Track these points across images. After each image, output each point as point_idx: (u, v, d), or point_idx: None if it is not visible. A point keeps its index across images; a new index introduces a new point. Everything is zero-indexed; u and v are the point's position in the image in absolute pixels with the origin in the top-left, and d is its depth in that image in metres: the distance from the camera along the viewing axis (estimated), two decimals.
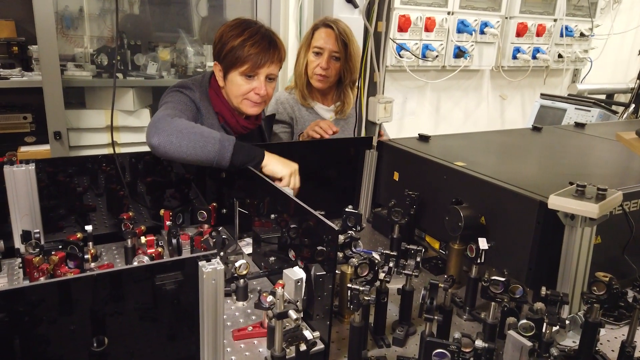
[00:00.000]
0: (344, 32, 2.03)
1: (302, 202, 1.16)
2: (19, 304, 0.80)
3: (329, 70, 2.04)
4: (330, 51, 2.03)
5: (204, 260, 0.85)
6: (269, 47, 1.59)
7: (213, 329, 0.86)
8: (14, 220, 1.31)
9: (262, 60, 1.58)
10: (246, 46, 1.57)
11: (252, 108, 1.67)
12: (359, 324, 0.99)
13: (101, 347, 0.84)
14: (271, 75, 1.65)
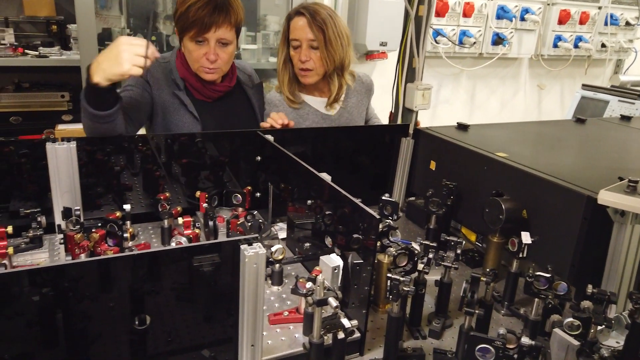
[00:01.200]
0: (319, 16, 1.79)
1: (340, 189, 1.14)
2: (65, 279, 0.81)
3: (310, 62, 1.80)
4: (307, 41, 1.79)
5: (246, 244, 0.84)
6: (214, 11, 1.54)
7: (253, 313, 0.85)
8: (55, 197, 1.33)
9: (207, 24, 1.54)
10: (192, 10, 1.54)
11: (207, 74, 1.65)
12: (397, 314, 0.97)
13: (143, 326, 0.84)
14: (222, 40, 1.60)
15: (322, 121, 1.90)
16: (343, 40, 1.81)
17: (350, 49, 1.85)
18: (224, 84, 1.75)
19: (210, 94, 1.72)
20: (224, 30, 1.58)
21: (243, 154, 1.60)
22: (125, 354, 0.91)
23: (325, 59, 1.80)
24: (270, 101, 1.92)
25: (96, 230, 1.13)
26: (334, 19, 1.81)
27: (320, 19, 1.78)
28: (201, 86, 1.69)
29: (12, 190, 1.39)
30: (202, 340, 0.98)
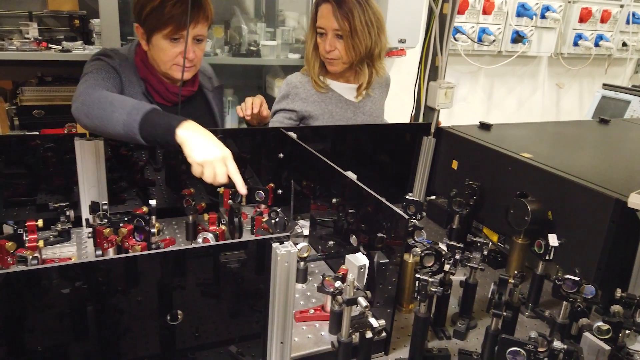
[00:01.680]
0: (346, 5, 1.73)
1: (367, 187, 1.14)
2: (99, 274, 0.83)
3: (335, 51, 1.77)
4: (332, 30, 1.74)
5: (277, 242, 0.84)
6: (192, 6, 1.43)
7: (283, 311, 0.86)
8: (81, 191, 1.35)
9: (185, 21, 1.43)
10: (167, 6, 1.42)
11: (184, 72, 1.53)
12: (424, 314, 0.97)
13: (175, 322, 0.85)
14: (199, 37, 1.52)
15: (346, 107, 1.88)
16: (372, 29, 1.74)
17: (383, 36, 1.79)
18: (188, 88, 1.64)
19: (172, 98, 1.59)
20: (201, 27, 1.51)
21: (264, 150, 1.60)
22: (154, 348, 0.92)
23: (350, 49, 1.76)
24: (290, 82, 1.88)
25: (124, 225, 1.14)
26: (364, 5, 1.73)
27: (347, 7, 1.71)
28: (163, 89, 1.57)
29: (38, 184, 1.41)
30: (229, 336, 0.99)
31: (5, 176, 1.37)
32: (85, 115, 1.23)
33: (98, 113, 1.20)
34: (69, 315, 0.84)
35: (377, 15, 1.76)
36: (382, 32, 1.78)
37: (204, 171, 1.14)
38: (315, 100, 1.82)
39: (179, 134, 1.14)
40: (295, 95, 1.84)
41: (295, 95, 1.84)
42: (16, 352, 0.83)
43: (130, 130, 1.16)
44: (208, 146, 1.14)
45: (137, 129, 1.16)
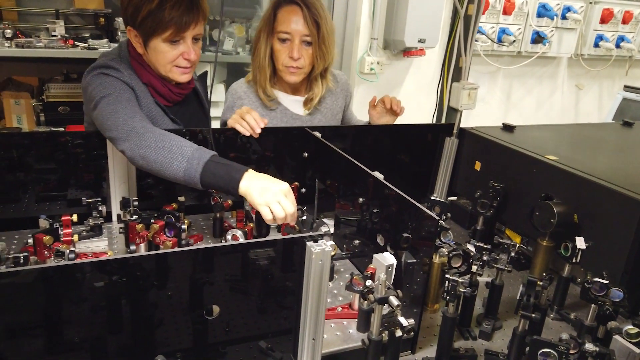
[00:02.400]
0: (315, 7, 1.60)
1: (395, 188, 1.15)
2: (137, 269, 0.85)
3: (302, 59, 1.63)
4: (301, 35, 1.60)
5: (312, 241, 0.86)
6: (191, 6, 1.39)
7: (316, 308, 0.87)
8: (112, 187, 1.37)
9: (186, 22, 1.39)
10: (166, 8, 1.36)
11: (183, 75, 1.50)
12: (452, 315, 0.98)
13: (211, 316, 0.88)
14: (197, 36, 1.48)
15: (292, 121, 1.75)
16: (333, 37, 1.66)
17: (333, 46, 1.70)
18: (188, 86, 1.60)
19: (175, 98, 1.57)
20: (200, 26, 1.46)
21: (289, 149, 1.62)
22: (186, 342, 0.94)
23: (318, 57, 1.64)
24: (234, 92, 1.76)
25: (155, 221, 1.17)
26: (325, 10, 1.63)
27: (315, 9, 1.59)
28: (167, 90, 1.53)
29: (68, 180, 1.44)
30: (258, 331, 1.01)
31: (36, 171, 1.41)
32: (141, 158, 1.20)
33: (156, 158, 1.19)
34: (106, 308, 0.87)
35: (332, 22, 1.68)
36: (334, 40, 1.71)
37: (273, 210, 1.14)
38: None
39: (241, 187, 1.16)
40: (239, 107, 1.67)
41: (239, 107, 1.65)
42: (55, 342, 0.85)
43: (191, 180, 1.18)
44: (268, 187, 1.16)
45: (199, 180, 1.17)
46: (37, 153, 1.38)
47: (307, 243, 0.86)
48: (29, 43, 2.07)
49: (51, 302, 0.82)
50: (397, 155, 1.74)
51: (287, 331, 1.01)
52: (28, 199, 1.41)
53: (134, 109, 1.33)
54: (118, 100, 1.34)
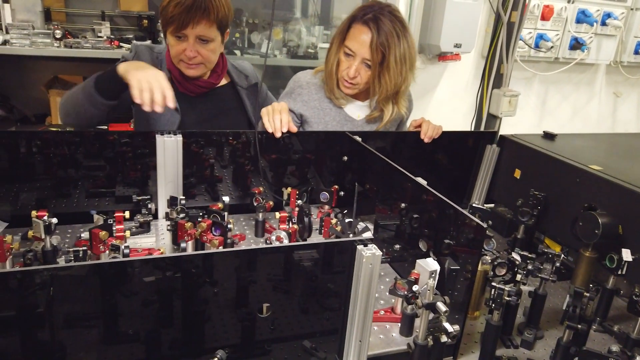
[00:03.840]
0: (385, 35, 1.57)
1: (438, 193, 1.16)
2: (192, 266, 0.88)
3: (357, 78, 1.66)
4: (363, 57, 1.62)
5: (362, 245, 0.88)
6: (191, 7, 1.51)
7: (364, 311, 0.89)
8: (159, 186, 1.42)
9: (184, 20, 1.52)
10: (171, 5, 1.53)
11: (188, 70, 1.63)
12: (497, 322, 0.99)
13: (263, 314, 0.90)
14: (202, 37, 1.57)
15: (344, 123, 1.77)
16: (404, 66, 1.62)
17: (412, 71, 1.68)
18: (208, 81, 1.72)
19: (192, 88, 1.70)
20: (203, 27, 1.55)
21: (329, 152, 1.64)
22: (234, 338, 0.97)
23: (376, 83, 1.64)
24: (297, 80, 1.80)
25: (203, 219, 1.21)
26: (402, 38, 1.59)
27: (385, 37, 1.57)
28: (183, 79, 1.67)
29: (115, 176, 1.49)
30: (301, 330, 1.03)
31: (86, 168, 1.46)
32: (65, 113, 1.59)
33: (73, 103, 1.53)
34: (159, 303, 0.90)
35: (411, 48, 1.63)
36: (412, 67, 1.66)
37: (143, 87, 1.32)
38: (314, 107, 1.72)
39: (119, 70, 1.41)
40: (298, 95, 1.76)
41: (298, 95, 1.76)
42: (111, 333, 0.89)
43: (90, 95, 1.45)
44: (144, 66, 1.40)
45: (94, 89, 1.45)
46: (86, 150, 1.43)
47: (357, 247, 0.88)
48: (77, 43, 2.14)
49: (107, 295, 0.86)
50: (436, 161, 1.74)
51: (331, 332, 1.03)
52: (78, 195, 1.46)
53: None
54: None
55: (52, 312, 0.82)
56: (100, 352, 0.90)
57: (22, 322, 0.81)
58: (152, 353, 0.91)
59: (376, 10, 1.60)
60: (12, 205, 1.38)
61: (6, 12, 2.11)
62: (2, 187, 1.37)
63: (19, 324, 0.81)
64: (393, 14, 1.61)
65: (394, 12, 1.62)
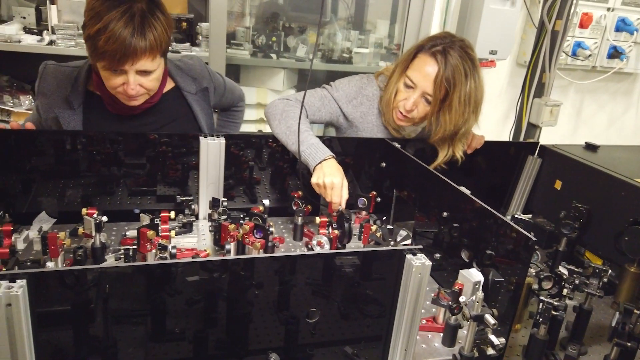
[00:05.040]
0: (452, 72, 1.45)
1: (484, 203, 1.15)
2: (241, 268, 0.89)
3: (415, 112, 1.55)
4: (423, 91, 1.51)
5: (411, 254, 0.88)
6: (128, 45, 1.24)
7: (411, 320, 0.89)
8: (201, 187, 1.44)
9: (120, 59, 1.26)
10: (101, 39, 1.23)
11: (131, 102, 1.41)
12: (544, 337, 0.97)
13: (313, 319, 0.91)
14: (144, 70, 1.33)
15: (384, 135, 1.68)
16: (468, 107, 1.50)
17: (475, 115, 1.55)
18: (146, 102, 1.48)
19: (126, 110, 1.49)
20: (144, 62, 1.31)
21: (367, 158, 1.64)
22: (277, 340, 0.98)
23: (433, 121, 1.54)
24: (364, 88, 1.66)
25: (246, 222, 1.22)
26: (470, 77, 1.48)
27: (452, 74, 1.45)
28: (113, 102, 1.46)
29: (156, 176, 1.52)
30: (341, 336, 1.04)
31: (127, 166, 1.49)
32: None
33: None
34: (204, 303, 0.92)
35: (478, 90, 1.51)
36: (476, 110, 1.54)
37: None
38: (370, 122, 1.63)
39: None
40: (359, 104, 1.65)
41: (359, 105, 1.65)
42: (159, 331, 0.91)
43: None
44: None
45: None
46: (129, 150, 1.46)
47: (406, 256, 0.88)
48: None
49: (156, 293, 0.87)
50: (473, 169, 1.72)
51: (372, 339, 1.03)
52: (121, 193, 1.50)
53: None
54: None
55: (107, 309, 0.85)
56: (148, 348, 0.92)
57: (81, 317, 0.83)
58: (199, 352, 0.93)
59: (446, 43, 1.48)
60: (59, 202, 1.42)
61: (52, 14, 2.18)
62: (50, 184, 1.41)
63: (74, 319, 0.83)
64: (464, 50, 1.49)
65: (466, 48, 1.50)
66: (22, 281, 0.68)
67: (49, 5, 2.18)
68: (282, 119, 1.51)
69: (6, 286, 0.66)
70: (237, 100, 1.85)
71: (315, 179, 1.37)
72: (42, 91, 1.50)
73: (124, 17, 1.25)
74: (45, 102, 1.50)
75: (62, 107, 1.48)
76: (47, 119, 1.51)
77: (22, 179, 1.38)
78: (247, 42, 2.42)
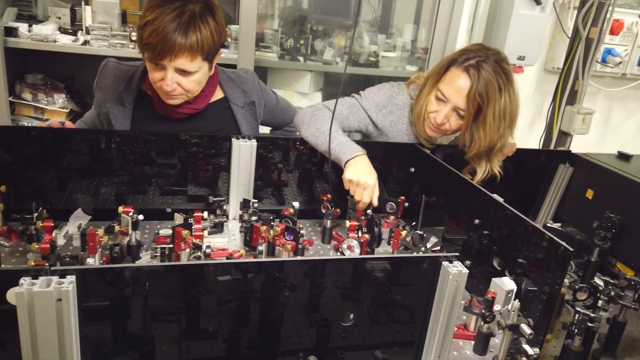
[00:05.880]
0: (486, 87, 1.42)
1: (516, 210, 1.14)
2: (276, 270, 0.91)
3: (446, 124, 1.53)
4: (455, 106, 1.49)
5: (447, 261, 0.88)
6: (169, 39, 1.28)
7: (445, 327, 0.89)
8: (232, 188, 1.46)
9: (160, 52, 1.30)
10: (146, 30, 1.30)
11: (169, 100, 1.44)
12: (578, 348, 0.96)
13: (348, 323, 0.92)
14: (184, 70, 1.36)
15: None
16: (503, 122, 1.46)
17: (511, 129, 1.51)
18: (190, 107, 1.53)
19: (172, 114, 1.53)
20: (183, 61, 1.34)
21: (395, 162, 1.64)
22: (308, 343, 0.99)
23: (466, 135, 1.50)
24: (395, 97, 1.65)
25: (277, 224, 1.23)
26: (504, 92, 1.44)
27: (485, 89, 1.42)
28: (161, 103, 1.49)
29: (187, 176, 1.54)
30: (372, 340, 1.04)
31: (158, 166, 1.52)
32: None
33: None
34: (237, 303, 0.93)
35: (513, 104, 1.47)
36: (512, 125, 1.50)
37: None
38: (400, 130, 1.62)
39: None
40: (389, 113, 1.64)
41: (389, 113, 1.64)
42: (193, 330, 0.92)
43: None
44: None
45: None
46: (161, 150, 1.49)
47: (442, 263, 0.88)
48: None
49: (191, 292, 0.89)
50: (505, 176, 1.70)
51: (402, 344, 1.03)
52: (153, 192, 1.52)
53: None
54: None
55: (146, 305, 0.86)
56: (182, 346, 0.94)
57: (119, 313, 0.85)
58: (231, 352, 0.94)
59: (480, 57, 1.44)
60: (94, 199, 1.45)
61: (87, 14, 2.23)
62: (85, 181, 1.45)
63: (114, 314, 0.85)
64: (499, 64, 1.44)
65: (501, 62, 1.45)
66: (72, 277, 0.70)
67: (83, 6, 2.23)
68: (311, 123, 1.52)
69: (57, 282, 0.68)
70: (289, 120, 1.84)
71: (350, 174, 1.37)
72: (99, 86, 1.57)
73: (173, 13, 1.30)
74: (100, 97, 1.57)
75: (114, 102, 1.53)
76: (100, 114, 1.58)
77: (59, 176, 1.42)
78: (275, 45, 2.44)
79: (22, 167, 1.37)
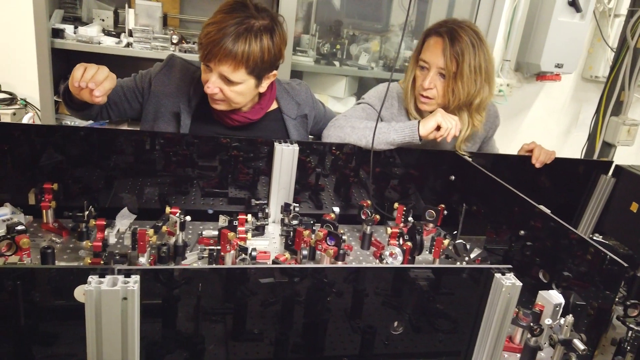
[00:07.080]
0: (459, 44, 1.57)
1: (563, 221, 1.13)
2: (322, 275, 0.91)
3: (433, 90, 1.63)
4: (437, 67, 1.61)
5: (500, 273, 0.87)
6: (217, 43, 1.34)
7: (495, 340, 0.88)
8: (273, 191, 1.48)
9: (209, 53, 1.36)
10: (205, 30, 1.38)
11: (213, 103, 1.49)
12: None
13: (397, 331, 0.92)
14: (226, 76, 1.40)
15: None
16: (479, 76, 1.59)
17: (488, 86, 1.63)
18: (244, 115, 1.57)
19: (225, 120, 1.57)
20: (227, 69, 1.37)
21: (434, 170, 1.63)
22: (351, 348, 0.99)
23: (449, 91, 1.61)
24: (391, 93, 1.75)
25: (320, 229, 1.24)
26: (477, 48, 1.58)
27: (459, 46, 1.57)
28: (219, 111, 1.53)
29: (227, 179, 1.56)
30: (414, 349, 1.04)
31: (200, 168, 1.54)
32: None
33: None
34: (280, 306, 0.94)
35: (487, 61, 1.61)
36: (488, 81, 1.62)
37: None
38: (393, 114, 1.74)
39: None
40: (390, 106, 1.76)
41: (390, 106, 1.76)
42: (238, 331, 0.94)
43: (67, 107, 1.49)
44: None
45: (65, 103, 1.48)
46: (201, 151, 1.51)
47: (495, 275, 0.87)
48: (192, 49, 2.28)
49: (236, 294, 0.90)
50: (542, 186, 1.68)
51: (448, 354, 1.03)
52: (195, 193, 1.55)
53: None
54: None
55: (198, 305, 0.88)
56: (229, 347, 0.95)
57: (170, 312, 0.87)
58: (277, 354, 0.96)
59: (451, 23, 1.63)
60: (138, 198, 1.48)
61: (130, 17, 2.28)
62: (129, 181, 1.48)
63: (165, 313, 0.86)
64: (470, 27, 1.62)
65: (471, 26, 1.63)
66: (136, 276, 0.72)
67: (127, 8, 2.29)
68: (352, 128, 1.56)
69: (123, 281, 0.71)
70: None
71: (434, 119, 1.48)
72: (162, 78, 1.58)
73: (233, 21, 1.35)
74: (162, 91, 1.57)
75: (185, 102, 1.57)
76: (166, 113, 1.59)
77: (105, 176, 1.46)
78: (312, 49, 2.45)
79: (71, 166, 1.41)
